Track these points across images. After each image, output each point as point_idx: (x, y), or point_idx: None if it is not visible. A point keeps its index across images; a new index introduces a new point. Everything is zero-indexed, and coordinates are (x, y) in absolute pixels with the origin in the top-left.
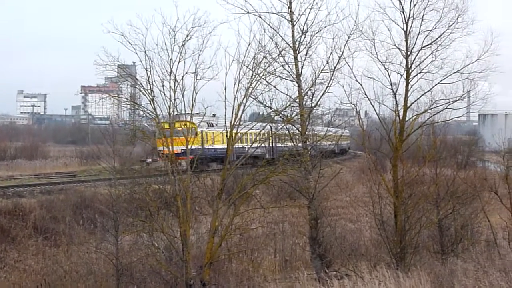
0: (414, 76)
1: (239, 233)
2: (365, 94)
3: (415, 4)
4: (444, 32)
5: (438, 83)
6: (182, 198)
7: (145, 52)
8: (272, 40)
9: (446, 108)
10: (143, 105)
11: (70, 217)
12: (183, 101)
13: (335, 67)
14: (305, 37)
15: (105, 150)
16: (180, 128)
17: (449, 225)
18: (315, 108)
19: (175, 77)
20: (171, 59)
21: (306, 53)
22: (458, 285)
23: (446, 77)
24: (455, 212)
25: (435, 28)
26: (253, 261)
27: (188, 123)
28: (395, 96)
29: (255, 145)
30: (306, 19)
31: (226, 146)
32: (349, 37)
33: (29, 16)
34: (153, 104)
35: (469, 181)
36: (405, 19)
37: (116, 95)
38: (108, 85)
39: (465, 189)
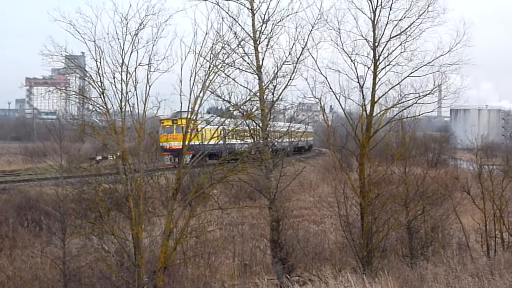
0: (382, 69)
1: (195, 236)
2: (330, 88)
3: None
4: (414, 21)
5: (408, 76)
6: (134, 199)
7: (94, 41)
8: (231, 29)
9: (416, 103)
10: (92, 98)
11: (14, 219)
12: (136, 94)
13: (298, 59)
14: (266, 26)
15: (51, 147)
16: (182, 125)
17: (419, 227)
18: (276, 103)
19: (127, 69)
20: (123, 50)
21: (267, 44)
22: None
23: (416, 70)
24: (425, 213)
25: (404, 18)
26: (210, 265)
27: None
28: (362, 90)
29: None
30: (268, 7)
31: (221, 142)
32: (313, 27)
33: None
34: (104, 98)
35: (440, 180)
36: (372, 7)
37: (63, 88)
38: (55, 77)
39: (436, 189)
